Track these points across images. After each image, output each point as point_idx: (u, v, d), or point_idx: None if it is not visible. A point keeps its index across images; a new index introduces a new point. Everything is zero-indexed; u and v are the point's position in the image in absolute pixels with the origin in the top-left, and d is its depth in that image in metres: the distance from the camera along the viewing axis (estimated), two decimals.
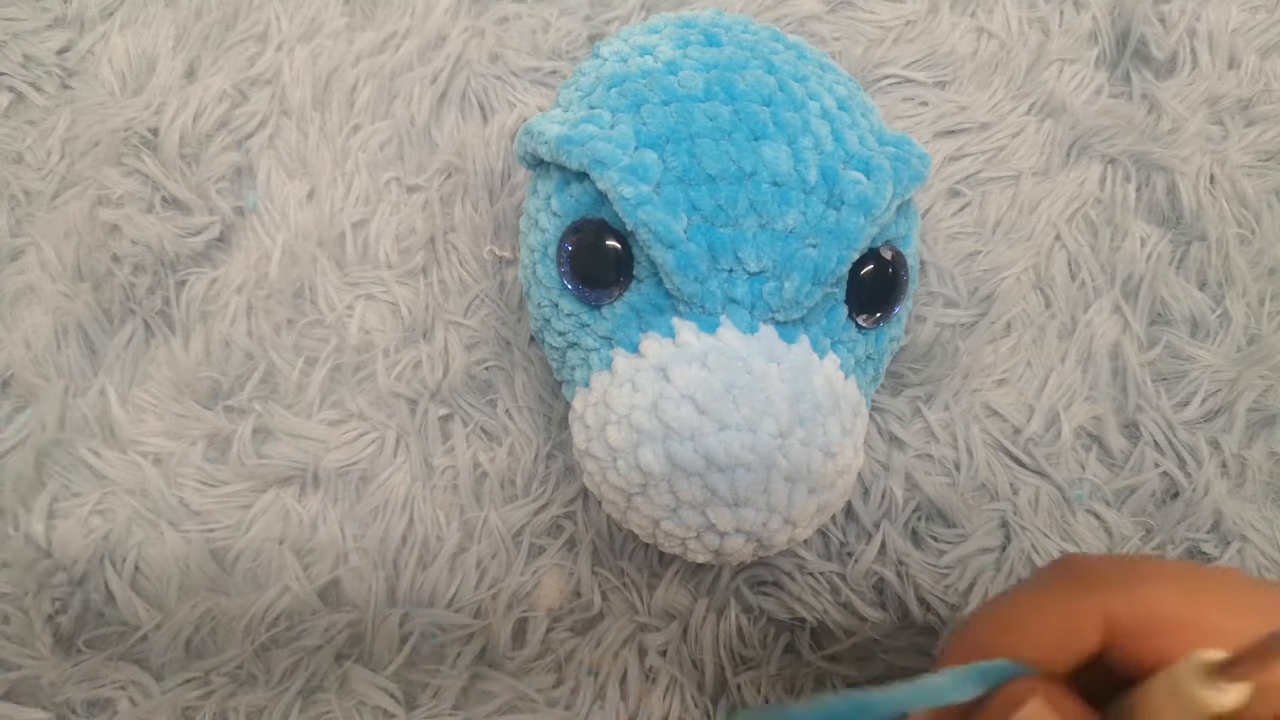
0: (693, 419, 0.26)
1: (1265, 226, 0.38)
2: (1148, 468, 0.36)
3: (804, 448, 0.26)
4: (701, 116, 0.28)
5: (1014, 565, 0.35)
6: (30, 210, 0.39)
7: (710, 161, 0.27)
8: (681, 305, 0.27)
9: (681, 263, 0.26)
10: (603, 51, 0.32)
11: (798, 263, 0.27)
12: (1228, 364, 0.36)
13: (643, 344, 0.28)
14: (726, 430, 0.26)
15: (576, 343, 0.30)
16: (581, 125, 0.28)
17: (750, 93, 0.28)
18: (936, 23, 0.40)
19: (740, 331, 0.27)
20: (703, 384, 0.26)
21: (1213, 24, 0.40)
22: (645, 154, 0.27)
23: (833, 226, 0.27)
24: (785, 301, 0.27)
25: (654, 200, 0.27)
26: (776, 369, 0.27)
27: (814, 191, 0.27)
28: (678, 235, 0.26)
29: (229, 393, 0.36)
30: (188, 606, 0.34)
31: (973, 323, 0.37)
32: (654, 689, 0.34)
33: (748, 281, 0.27)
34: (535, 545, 0.35)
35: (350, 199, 0.38)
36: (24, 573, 0.35)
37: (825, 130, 0.28)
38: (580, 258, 0.28)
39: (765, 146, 0.27)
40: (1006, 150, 0.39)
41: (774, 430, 0.26)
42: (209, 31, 0.40)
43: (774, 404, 0.26)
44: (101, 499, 0.35)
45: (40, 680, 0.34)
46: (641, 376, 0.27)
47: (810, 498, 0.27)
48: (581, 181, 0.29)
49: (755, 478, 0.26)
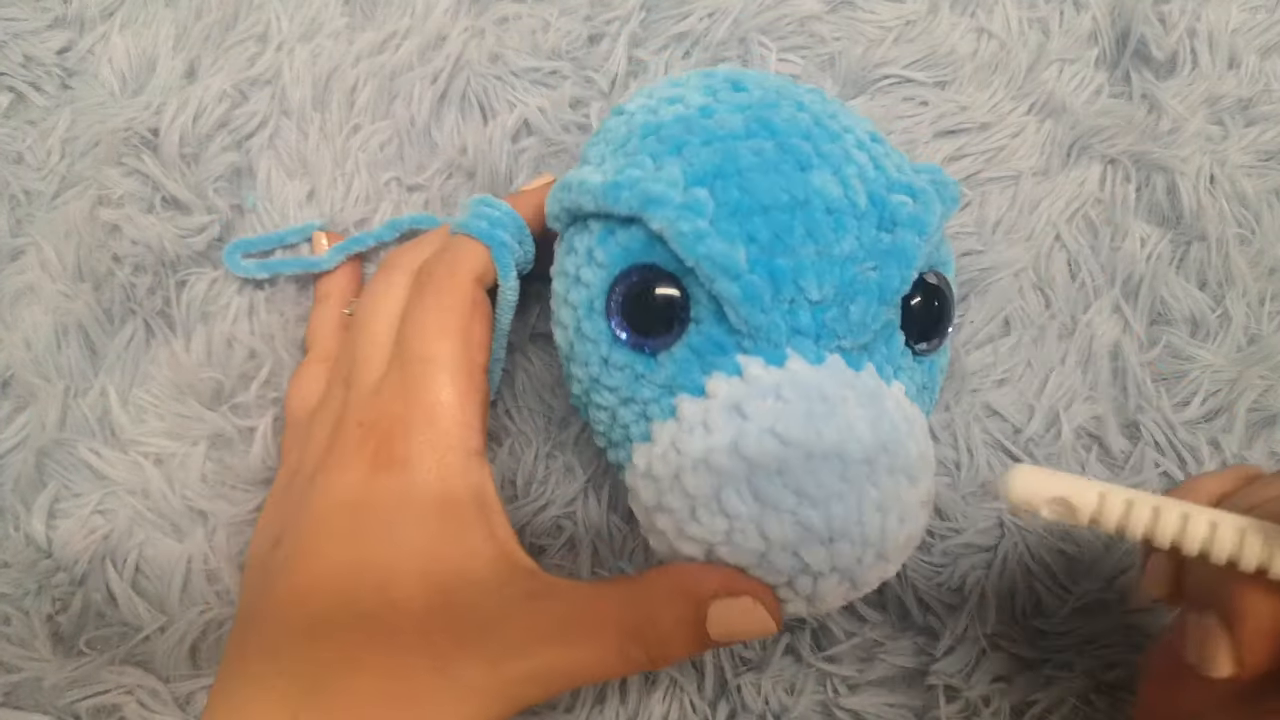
0: (778, 451, 0.25)
1: (1265, 226, 0.38)
2: (1148, 468, 0.36)
3: (890, 475, 0.26)
4: (747, 152, 0.28)
5: (1007, 564, 0.35)
6: (30, 210, 0.39)
7: (763, 193, 0.27)
8: (746, 341, 0.27)
9: (748, 293, 0.26)
10: (628, 108, 0.31)
11: (860, 286, 0.27)
12: (1228, 364, 0.36)
13: (709, 385, 0.27)
14: (814, 459, 0.25)
15: (631, 397, 0.28)
16: (627, 171, 0.28)
17: (789, 128, 0.28)
18: (936, 23, 0.40)
19: (808, 362, 0.26)
20: (782, 415, 0.25)
21: (1213, 24, 0.40)
22: (697, 191, 0.27)
23: (889, 248, 0.27)
24: (853, 326, 0.27)
25: (713, 234, 0.26)
26: (852, 394, 0.26)
27: (865, 216, 0.27)
28: (741, 266, 0.26)
29: (231, 393, 0.36)
30: (195, 612, 0.34)
31: (973, 323, 0.37)
32: (653, 691, 0.34)
33: (810, 311, 0.27)
34: (535, 545, 0.35)
35: (350, 199, 0.38)
36: (24, 573, 0.35)
37: (865, 159, 0.28)
38: (632, 305, 0.28)
39: (814, 175, 0.27)
40: (1006, 150, 0.39)
41: (860, 456, 0.25)
42: (209, 31, 0.40)
43: (856, 429, 0.25)
44: (102, 499, 0.35)
45: (42, 683, 0.34)
46: (714, 417, 0.26)
47: (901, 528, 0.26)
48: (628, 228, 0.28)
49: (848, 508, 0.25)
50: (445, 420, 0.29)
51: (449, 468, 0.28)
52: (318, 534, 0.28)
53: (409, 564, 0.27)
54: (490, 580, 0.27)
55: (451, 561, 0.27)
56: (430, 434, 0.28)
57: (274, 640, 0.27)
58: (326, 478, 0.29)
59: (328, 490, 0.29)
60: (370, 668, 0.26)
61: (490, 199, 0.33)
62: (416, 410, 0.29)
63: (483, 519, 0.28)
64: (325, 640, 0.27)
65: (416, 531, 0.28)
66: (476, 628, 0.27)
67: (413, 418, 0.29)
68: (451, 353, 0.29)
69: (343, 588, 0.27)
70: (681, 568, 0.27)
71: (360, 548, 0.28)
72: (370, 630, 0.27)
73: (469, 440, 0.29)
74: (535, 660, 0.27)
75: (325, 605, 0.27)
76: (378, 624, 0.27)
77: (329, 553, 0.28)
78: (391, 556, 0.27)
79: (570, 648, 0.27)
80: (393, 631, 0.27)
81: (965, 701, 0.34)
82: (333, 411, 0.31)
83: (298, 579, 0.28)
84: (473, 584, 0.27)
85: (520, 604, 0.27)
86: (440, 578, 0.27)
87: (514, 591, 0.27)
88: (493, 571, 0.28)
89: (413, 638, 0.27)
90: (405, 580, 0.27)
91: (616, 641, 0.27)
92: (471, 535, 0.28)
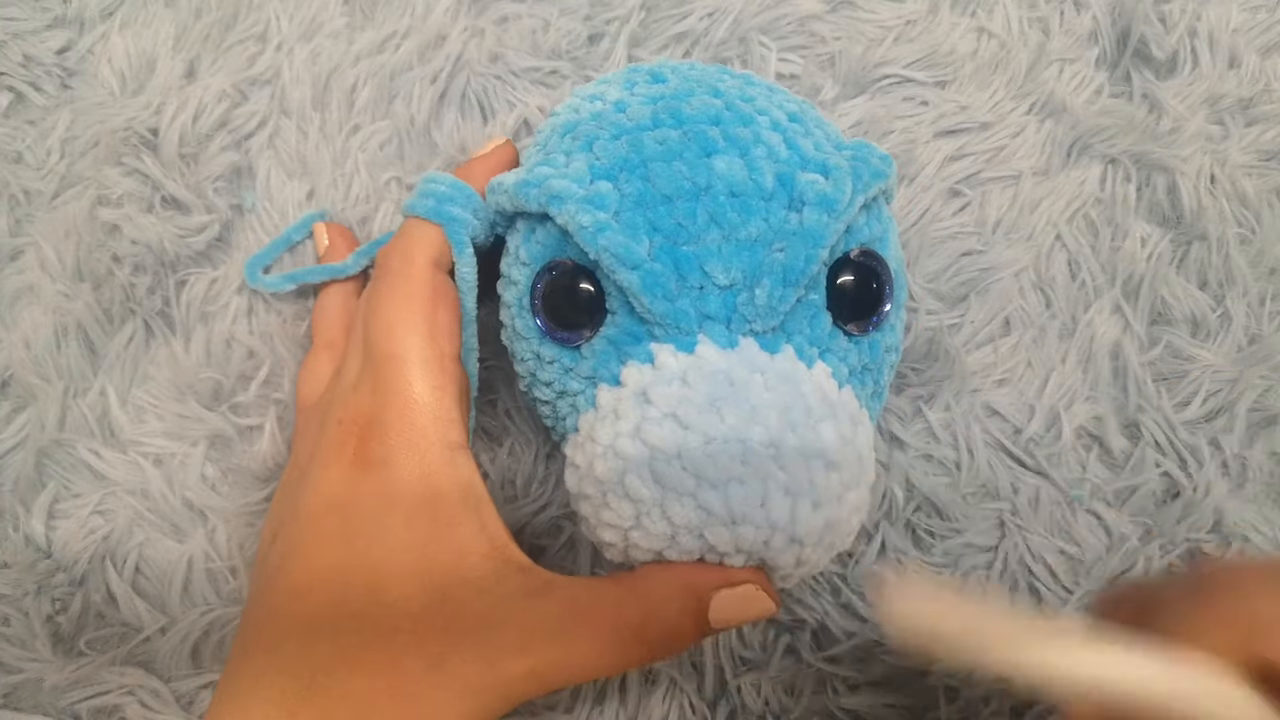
0: (677, 435, 0.25)
1: (1265, 226, 0.38)
2: (1148, 468, 0.36)
3: (800, 458, 0.26)
4: (651, 143, 0.28)
5: (1007, 564, 0.35)
6: (30, 210, 0.39)
7: (664, 182, 0.27)
8: (657, 329, 0.27)
9: (647, 282, 0.26)
10: (557, 109, 0.32)
11: (767, 269, 0.26)
12: (1228, 364, 0.36)
13: (624, 374, 0.27)
14: (714, 443, 0.25)
15: (564, 390, 0.29)
16: (536, 169, 0.28)
17: (698, 115, 0.29)
18: (937, 23, 0.40)
19: (719, 347, 0.26)
20: (684, 400, 0.26)
21: (1213, 24, 0.40)
22: (600, 184, 0.27)
23: (796, 229, 0.27)
24: (759, 309, 0.26)
25: (613, 226, 0.26)
26: (761, 378, 0.26)
27: (773, 198, 0.27)
28: (639, 256, 0.26)
29: (231, 393, 0.36)
30: (197, 612, 0.34)
31: (973, 323, 0.37)
32: (653, 691, 0.34)
33: (720, 296, 0.27)
34: (535, 545, 0.35)
35: (350, 199, 0.38)
36: (24, 573, 0.35)
37: (778, 139, 0.28)
38: (552, 300, 0.28)
39: (718, 160, 0.27)
40: (1007, 150, 0.39)
41: (764, 439, 0.25)
42: (209, 31, 0.40)
43: (760, 412, 0.25)
44: (102, 499, 0.35)
45: (43, 684, 0.34)
46: (624, 405, 0.26)
47: (815, 513, 0.26)
48: (546, 226, 0.29)
49: (750, 491, 0.25)
50: (421, 417, 0.28)
51: (431, 465, 0.28)
52: (309, 534, 0.28)
53: (400, 564, 0.27)
54: (484, 578, 0.27)
55: (443, 559, 0.27)
56: (408, 433, 0.28)
57: (273, 639, 0.27)
58: (314, 476, 0.29)
59: (317, 489, 0.29)
60: (367, 668, 0.26)
61: (436, 174, 0.31)
62: (390, 409, 0.28)
63: (472, 514, 0.28)
64: (322, 641, 0.27)
65: (405, 531, 0.28)
66: (472, 626, 0.27)
67: (387, 417, 0.28)
68: (418, 346, 0.29)
69: (336, 588, 0.27)
70: (678, 566, 0.27)
71: (350, 548, 0.28)
72: (365, 631, 0.27)
73: (449, 434, 0.29)
74: (533, 658, 0.26)
75: (320, 606, 0.27)
76: (372, 625, 0.27)
77: (321, 553, 0.28)
78: (382, 557, 0.27)
79: (569, 645, 0.27)
80: (388, 632, 0.26)
81: (965, 701, 0.34)
82: (322, 406, 0.31)
83: (293, 579, 0.28)
84: (466, 582, 0.27)
85: (517, 601, 0.27)
86: (433, 577, 0.27)
87: (509, 588, 0.27)
88: (486, 569, 0.27)
89: (409, 637, 0.26)
90: (398, 580, 0.27)
91: (615, 638, 0.27)
92: (461, 532, 0.28)
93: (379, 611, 0.27)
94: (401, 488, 0.28)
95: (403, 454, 0.28)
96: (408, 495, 0.28)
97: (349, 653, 0.26)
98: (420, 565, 0.27)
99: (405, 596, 0.27)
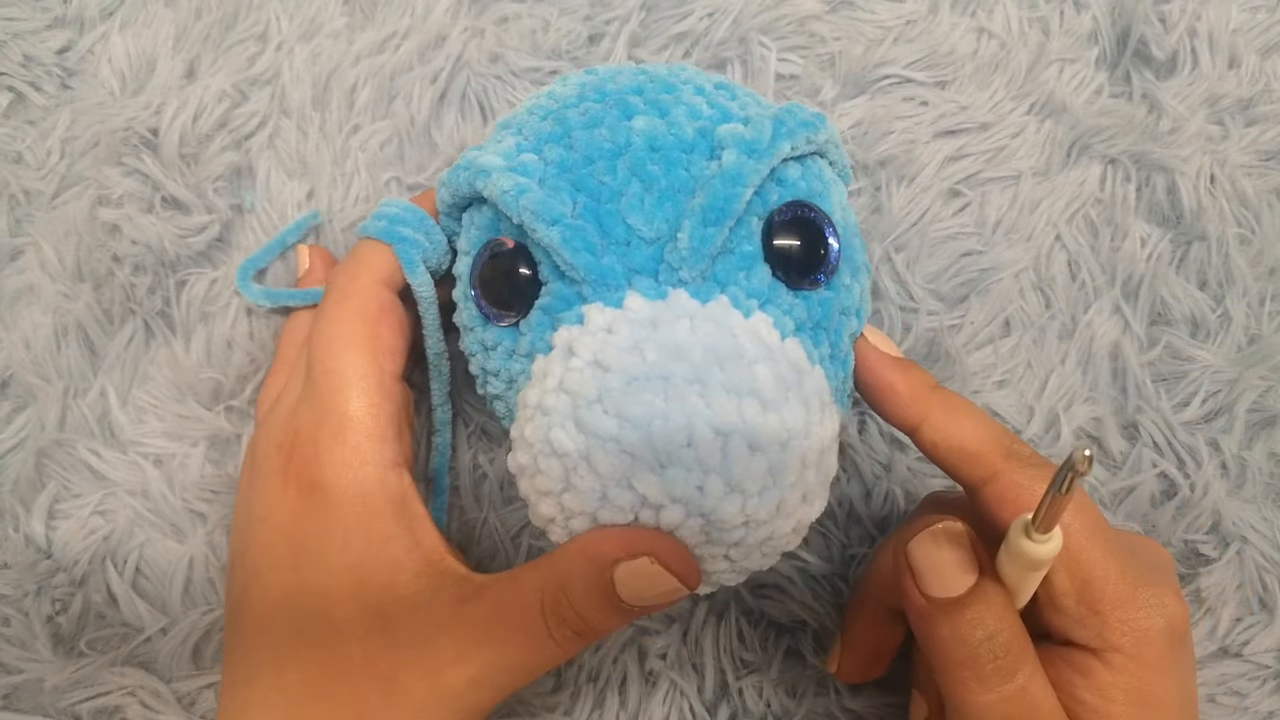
0: (598, 378, 0.25)
1: (1265, 226, 0.38)
2: (1146, 468, 0.36)
3: (729, 394, 0.24)
4: (575, 115, 0.28)
5: None
6: (30, 210, 0.39)
7: (586, 145, 0.27)
8: (586, 288, 0.26)
9: (567, 237, 0.26)
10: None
11: (688, 213, 0.26)
12: (1228, 364, 0.36)
13: (554, 339, 0.27)
14: (635, 381, 0.24)
15: (512, 378, 0.29)
16: (467, 154, 0.29)
17: (622, 89, 0.29)
18: (936, 23, 0.40)
19: (648, 299, 0.26)
20: (606, 345, 0.25)
21: (1213, 24, 0.40)
22: (524, 156, 0.28)
23: (715, 172, 0.27)
24: (683, 255, 0.26)
25: (534, 188, 0.27)
26: (689, 321, 0.25)
27: (694, 149, 0.27)
28: (559, 212, 0.26)
29: (231, 393, 0.36)
30: (197, 613, 0.34)
31: (973, 323, 0.37)
32: (654, 693, 0.34)
33: (648, 250, 0.27)
34: (534, 547, 0.35)
35: (350, 199, 0.38)
36: (24, 574, 0.35)
37: (701, 101, 0.29)
38: (488, 278, 0.28)
39: (638, 120, 0.28)
40: (1007, 150, 0.39)
41: (688, 374, 0.24)
42: (209, 31, 0.40)
43: (684, 349, 0.25)
44: (102, 500, 0.35)
45: (43, 684, 0.34)
46: (551, 364, 0.26)
47: (754, 456, 0.24)
48: (481, 210, 0.29)
49: (673, 428, 0.24)
50: (355, 435, 0.29)
51: (365, 485, 0.28)
52: (262, 563, 0.29)
53: (340, 587, 0.27)
54: (419, 593, 0.27)
55: (378, 579, 0.27)
56: (341, 452, 0.28)
57: (250, 671, 0.28)
58: (259, 503, 0.29)
59: (264, 518, 0.29)
60: (331, 698, 0.27)
61: (391, 199, 0.32)
62: (325, 428, 0.29)
63: (405, 531, 0.28)
64: (289, 670, 0.27)
65: (343, 554, 0.28)
66: (413, 642, 0.27)
67: (322, 436, 0.28)
68: (356, 363, 0.29)
69: (292, 617, 0.28)
70: (589, 533, 0.26)
71: (299, 575, 0.28)
72: (324, 660, 0.27)
73: (383, 453, 0.29)
74: (472, 666, 0.26)
75: (283, 636, 0.28)
76: (327, 652, 0.27)
77: (275, 582, 0.28)
78: (325, 582, 0.28)
79: (503, 646, 0.27)
80: (343, 657, 0.27)
81: None
82: (267, 427, 0.31)
83: (255, 610, 0.28)
84: (401, 599, 0.27)
85: (450, 611, 0.27)
86: (371, 597, 0.27)
87: (443, 600, 0.27)
88: (421, 584, 0.27)
89: (360, 660, 0.27)
90: (340, 604, 0.27)
91: (544, 626, 0.26)
92: (394, 549, 0.28)
93: (332, 639, 0.27)
94: (337, 511, 0.28)
95: (336, 475, 0.28)
96: (344, 517, 0.28)
97: (314, 683, 0.27)
98: (358, 587, 0.27)
99: (349, 619, 0.27)
